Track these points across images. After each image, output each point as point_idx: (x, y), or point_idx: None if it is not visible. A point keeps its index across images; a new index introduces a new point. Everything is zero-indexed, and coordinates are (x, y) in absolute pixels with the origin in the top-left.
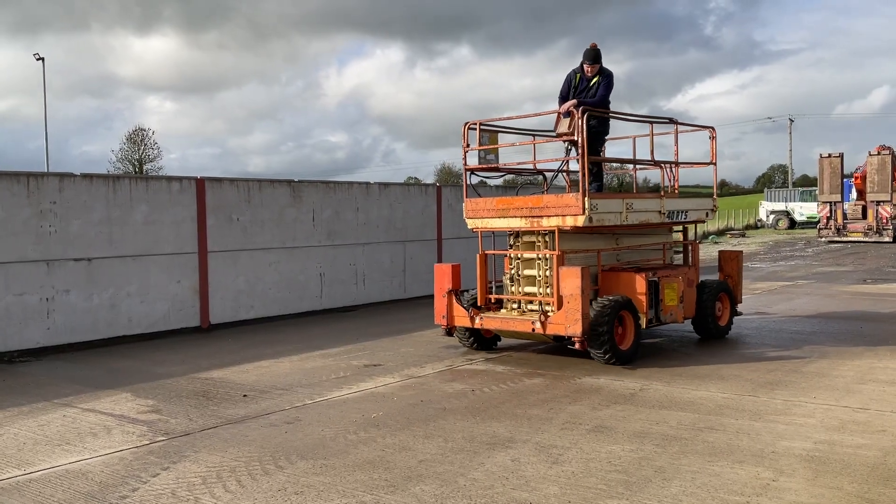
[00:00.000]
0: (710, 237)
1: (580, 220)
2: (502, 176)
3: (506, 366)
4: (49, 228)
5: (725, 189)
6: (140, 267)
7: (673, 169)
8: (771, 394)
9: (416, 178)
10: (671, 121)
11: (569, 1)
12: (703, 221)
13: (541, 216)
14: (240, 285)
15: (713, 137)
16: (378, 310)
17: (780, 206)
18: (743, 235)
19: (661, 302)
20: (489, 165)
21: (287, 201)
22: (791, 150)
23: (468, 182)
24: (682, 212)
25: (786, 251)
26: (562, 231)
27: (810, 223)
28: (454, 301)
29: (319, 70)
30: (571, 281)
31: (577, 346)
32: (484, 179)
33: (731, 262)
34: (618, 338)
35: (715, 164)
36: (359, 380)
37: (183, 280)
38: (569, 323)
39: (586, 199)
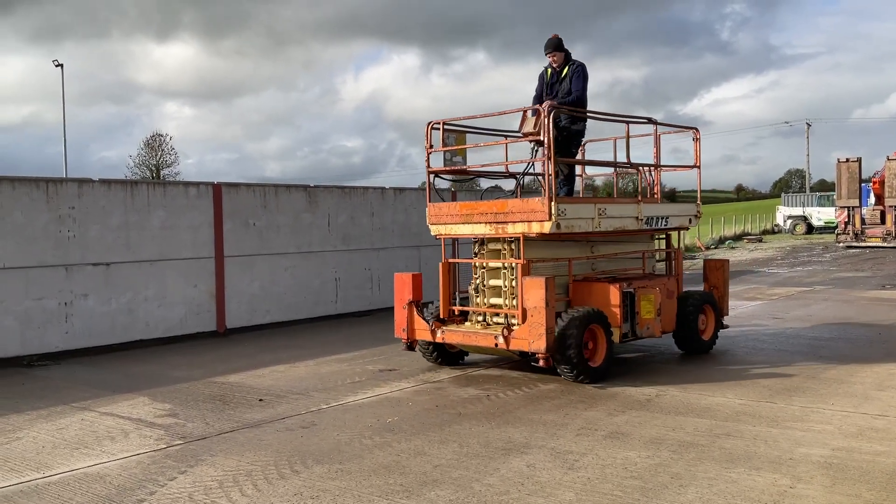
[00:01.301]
0: (727, 242)
1: (547, 227)
2: (471, 179)
3: (521, 371)
4: (68, 233)
5: (742, 194)
6: (157, 272)
7: (653, 172)
8: (788, 400)
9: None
10: (650, 121)
11: (584, 6)
12: (687, 228)
13: (506, 222)
14: (255, 290)
15: (697, 139)
16: (393, 315)
17: (798, 210)
18: (760, 240)
19: (637, 314)
20: (455, 168)
21: (303, 206)
22: (808, 155)
23: (431, 185)
24: (663, 218)
25: (803, 256)
26: (528, 238)
27: (828, 228)
28: (415, 313)
29: (336, 76)
30: (535, 292)
31: (540, 362)
32: (469, 182)
33: (716, 273)
34: (588, 353)
35: (699, 167)
36: (374, 384)
37: (200, 284)
38: (532, 338)
39: (553, 203)
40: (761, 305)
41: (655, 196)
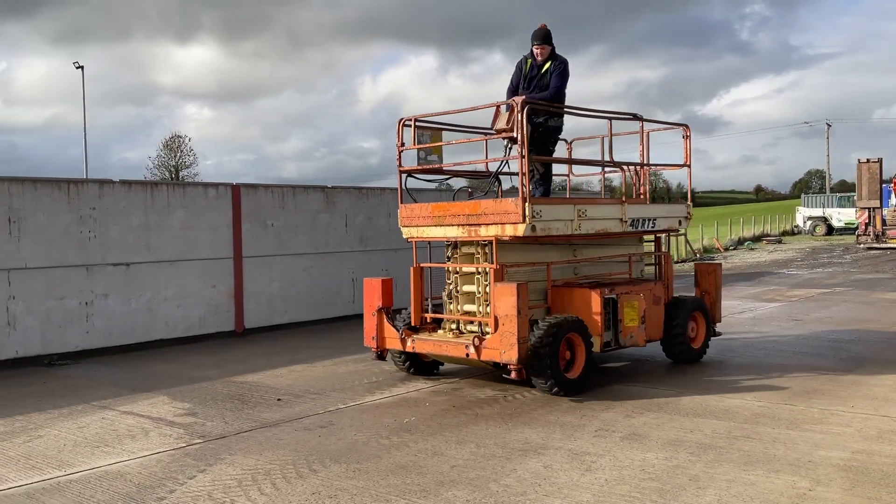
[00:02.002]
0: (746, 243)
1: (520, 230)
2: (446, 179)
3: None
4: (89, 234)
5: (761, 195)
6: (177, 272)
7: (639, 171)
8: (807, 402)
9: (448, 184)
10: (634, 117)
11: (602, 7)
12: (677, 231)
13: (478, 224)
14: (274, 290)
15: (687, 136)
16: None
17: (818, 211)
18: (779, 241)
19: (620, 322)
20: (428, 167)
21: (320, 207)
22: (828, 155)
23: (403, 186)
24: (650, 220)
25: (823, 258)
26: (502, 241)
27: (848, 229)
28: (385, 320)
29: (355, 77)
30: (506, 299)
31: (512, 374)
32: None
33: (708, 277)
34: (565, 364)
35: (689, 165)
36: (391, 385)
37: (218, 285)
38: (503, 348)
39: (527, 204)
40: (781, 307)
41: (641, 196)
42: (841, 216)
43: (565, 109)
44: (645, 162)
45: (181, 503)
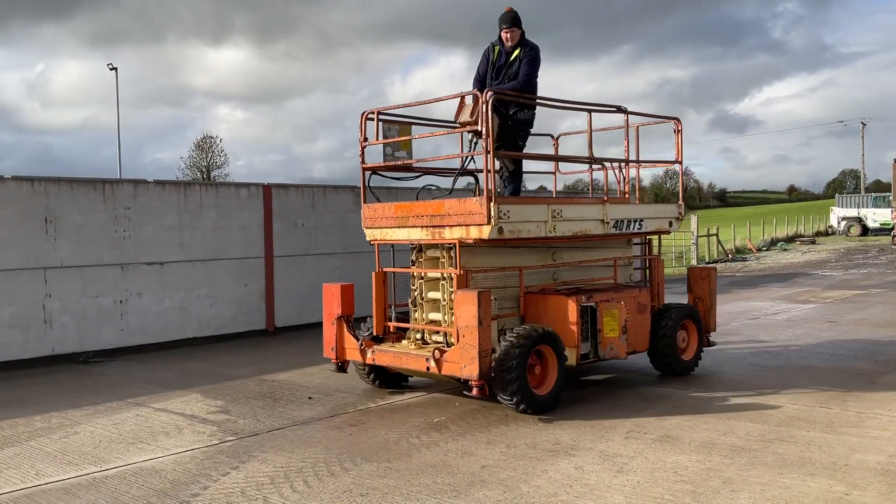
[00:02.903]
0: (780, 244)
1: (486, 232)
2: (418, 176)
3: (578, 369)
4: (123, 233)
5: (795, 195)
6: (209, 271)
7: (623, 168)
8: (843, 405)
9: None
10: (619, 109)
11: (632, 7)
12: (667, 232)
13: (442, 226)
14: (304, 289)
15: (678, 131)
16: None
17: (852, 212)
18: (813, 242)
19: (599, 332)
20: (394, 164)
21: (350, 207)
22: (863, 155)
23: (366, 185)
24: (635, 221)
25: (858, 259)
26: (467, 244)
27: (884, 230)
28: (345, 329)
29: (385, 78)
30: (466, 308)
31: (473, 391)
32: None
33: (701, 282)
34: (535, 380)
35: (681, 162)
36: (422, 384)
37: (250, 284)
38: (464, 362)
39: (493, 204)
40: (815, 308)
41: (626, 195)
42: (876, 216)
43: (537, 101)
44: (630, 158)
45: (215, 500)
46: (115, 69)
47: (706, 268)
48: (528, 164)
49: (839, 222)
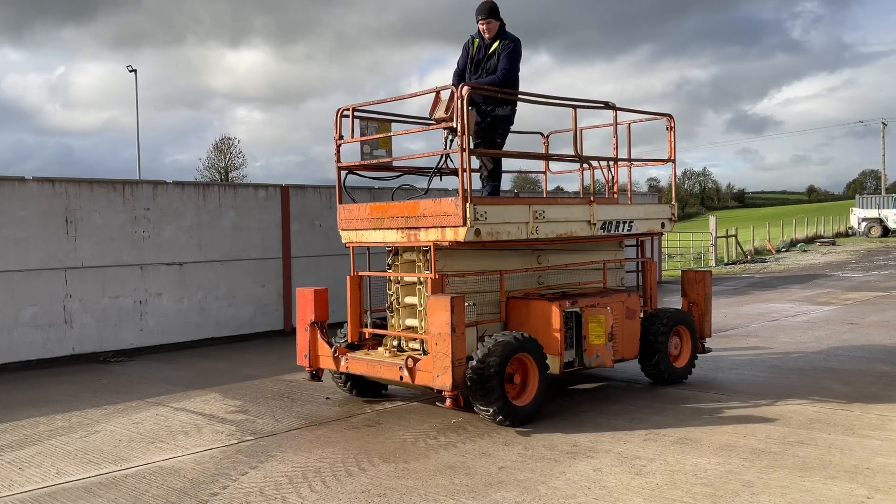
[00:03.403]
0: (799, 245)
1: (461, 234)
2: (399, 176)
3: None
4: (143, 234)
5: (814, 195)
6: (227, 271)
7: (612, 167)
8: (864, 408)
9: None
10: (606, 105)
11: (650, 7)
12: (660, 234)
13: (417, 228)
14: None
15: (671, 128)
16: None
17: (873, 213)
18: (833, 244)
19: (584, 339)
20: (371, 163)
21: None
22: (884, 155)
23: (342, 184)
24: (625, 222)
25: (879, 260)
26: (443, 247)
27: None
28: (318, 336)
29: (402, 79)
30: (439, 315)
31: (447, 402)
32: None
33: (696, 286)
34: (515, 389)
35: (674, 161)
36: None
37: (268, 284)
38: (437, 371)
39: (469, 205)
40: (835, 310)
41: (615, 195)
42: None
43: (517, 96)
44: (619, 157)
45: (234, 499)
46: (135, 71)
47: (701, 271)
48: (519, 165)
49: (859, 223)
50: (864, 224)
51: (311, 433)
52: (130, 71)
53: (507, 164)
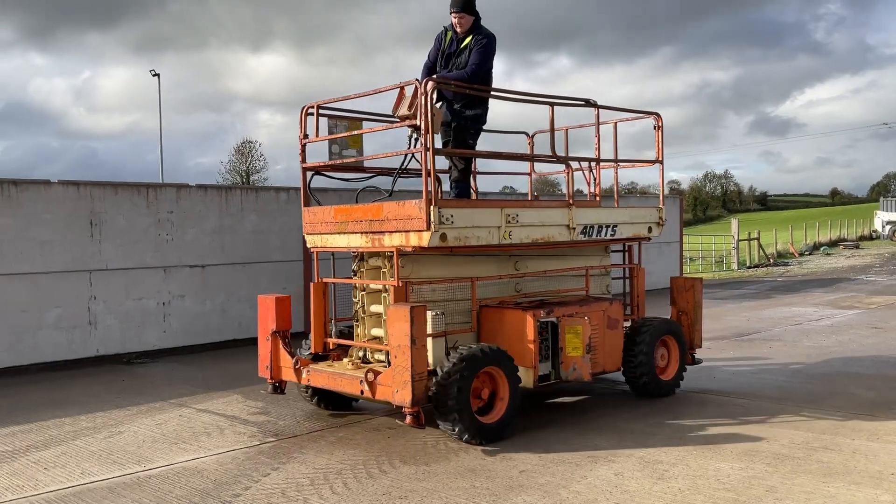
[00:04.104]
0: (822, 248)
1: (426, 239)
2: (371, 177)
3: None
4: (166, 237)
5: (837, 198)
6: (249, 274)
7: (594, 168)
8: (889, 413)
9: (511, 187)
10: (587, 103)
11: (671, 9)
12: (648, 239)
13: (381, 232)
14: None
15: (658, 127)
16: None
17: None
18: (857, 247)
19: (561, 351)
20: (336, 162)
21: None
22: None
23: (307, 186)
24: (608, 226)
25: None
26: (407, 253)
27: None
28: (280, 346)
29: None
30: (398, 326)
31: (407, 420)
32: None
33: (685, 294)
34: (482, 405)
35: (661, 161)
36: None
37: (289, 287)
38: (396, 386)
39: (433, 208)
40: (859, 314)
41: (597, 198)
42: None
43: (489, 93)
44: (602, 157)
45: (256, 500)
46: (158, 75)
47: (690, 278)
48: (504, 166)
49: (884, 226)
50: (888, 227)
51: (333, 435)
52: (154, 75)
53: (490, 166)
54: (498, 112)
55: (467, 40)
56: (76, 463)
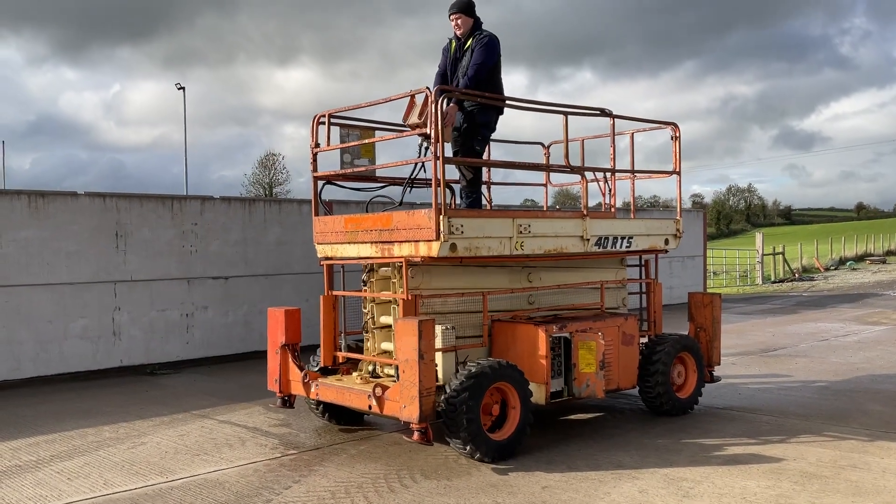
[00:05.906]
0: (848, 263)
1: (435, 249)
2: (383, 186)
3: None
4: (190, 248)
5: (863, 212)
6: (272, 285)
7: (609, 179)
8: None
9: (533, 200)
10: (602, 112)
11: (695, 23)
12: (664, 251)
13: (391, 242)
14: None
15: (676, 137)
16: None
17: None
18: (883, 262)
19: (574, 367)
20: (348, 171)
21: None
22: None
23: (318, 195)
24: (623, 238)
25: None
26: (417, 263)
27: None
28: (290, 360)
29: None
30: (407, 340)
31: (414, 436)
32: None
33: (703, 310)
34: (493, 421)
35: (679, 172)
36: None
37: (311, 299)
38: (404, 401)
39: (443, 218)
40: (886, 330)
41: (612, 209)
42: None
43: (488, 98)
44: (616, 168)
45: None
46: (183, 89)
47: (709, 294)
48: (519, 177)
49: None
50: None
51: (354, 448)
52: (179, 88)
53: (509, 177)
54: (518, 124)
55: (469, 42)
56: (99, 473)
